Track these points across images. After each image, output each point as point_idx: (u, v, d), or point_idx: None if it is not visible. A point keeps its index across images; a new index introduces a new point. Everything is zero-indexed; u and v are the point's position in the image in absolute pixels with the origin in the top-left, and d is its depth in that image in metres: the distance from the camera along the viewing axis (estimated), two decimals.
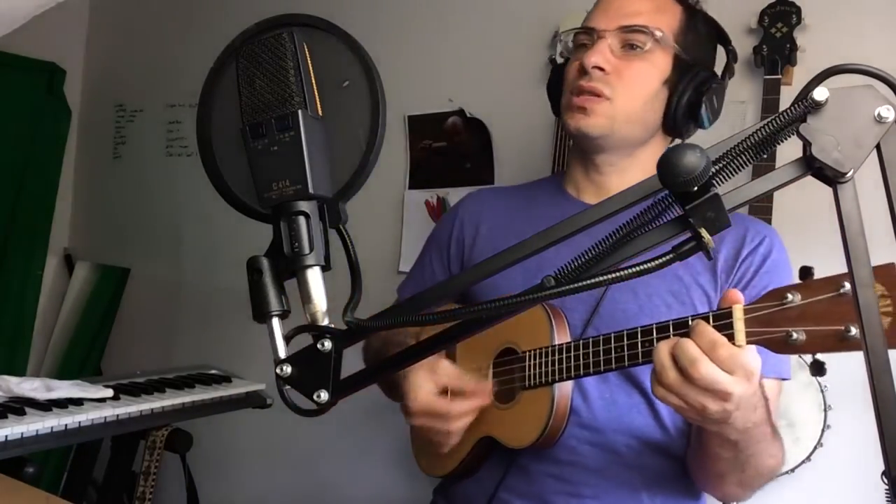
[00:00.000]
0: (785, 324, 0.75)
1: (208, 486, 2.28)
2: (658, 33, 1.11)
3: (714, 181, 0.59)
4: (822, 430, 1.60)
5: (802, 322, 0.74)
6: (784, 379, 1.12)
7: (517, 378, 1.11)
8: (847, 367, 0.81)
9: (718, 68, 1.25)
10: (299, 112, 0.65)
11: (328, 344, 0.67)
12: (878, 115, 0.57)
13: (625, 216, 0.63)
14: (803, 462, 1.62)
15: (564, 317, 1.11)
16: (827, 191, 0.60)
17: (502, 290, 0.71)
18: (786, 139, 0.60)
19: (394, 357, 0.75)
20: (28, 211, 2.93)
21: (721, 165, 0.59)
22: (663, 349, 0.84)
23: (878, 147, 0.57)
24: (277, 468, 2.52)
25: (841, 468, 1.66)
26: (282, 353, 0.68)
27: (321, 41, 0.69)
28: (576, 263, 0.62)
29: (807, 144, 0.59)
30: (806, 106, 0.58)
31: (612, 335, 0.96)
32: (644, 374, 1.08)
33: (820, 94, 0.58)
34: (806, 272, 0.75)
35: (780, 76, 1.68)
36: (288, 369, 0.68)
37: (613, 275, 0.59)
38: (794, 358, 1.63)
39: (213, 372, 2.01)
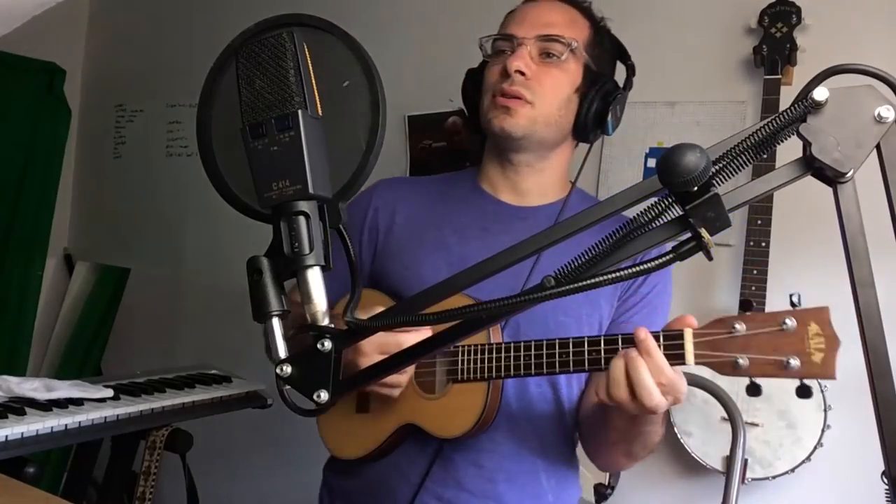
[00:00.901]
0: (732, 350, 0.85)
1: (208, 486, 2.28)
2: (574, 44, 1.20)
3: (714, 181, 0.59)
4: (822, 430, 1.60)
5: (747, 350, 0.84)
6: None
7: (444, 371, 1.15)
8: (847, 368, 0.82)
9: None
10: (299, 112, 0.65)
11: (328, 344, 0.67)
12: (878, 115, 0.57)
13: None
14: (803, 462, 1.62)
15: None
16: (827, 190, 0.60)
17: (427, 279, 0.73)
18: (786, 139, 0.60)
19: (394, 357, 0.75)
20: (28, 211, 2.92)
21: (721, 165, 0.59)
22: (620, 368, 0.94)
23: (878, 147, 0.57)
24: (277, 468, 2.52)
25: (841, 468, 1.66)
26: (282, 353, 0.68)
27: (321, 41, 0.69)
28: (576, 263, 0.62)
29: (807, 144, 0.59)
30: (806, 106, 0.58)
31: (557, 341, 1.03)
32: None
33: (820, 94, 0.58)
34: (747, 305, 0.91)
35: (780, 76, 1.68)
36: (288, 369, 0.67)
37: (613, 275, 0.59)
38: None
39: (213, 372, 2.02)
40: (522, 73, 1.18)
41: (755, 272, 1.65)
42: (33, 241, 2.94)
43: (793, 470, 1.62)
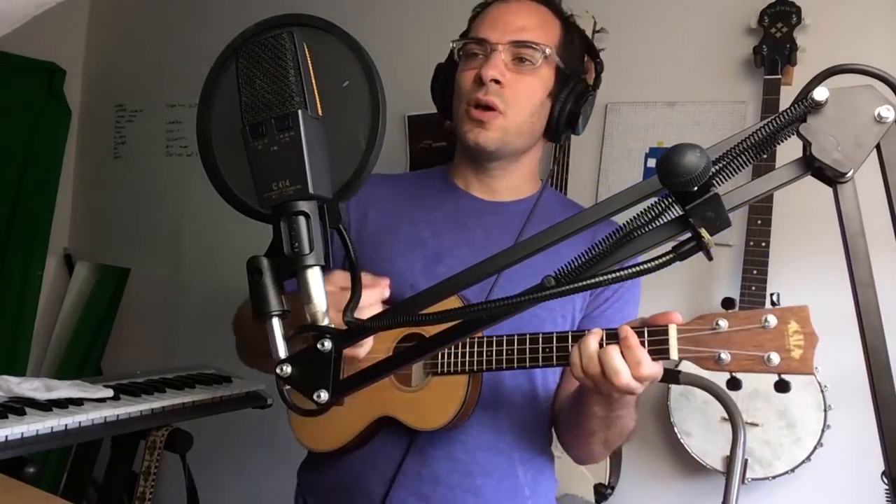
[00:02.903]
0: (714, 345, 0.88)
1: (208, 486, 2.28)
2: (547, 50, 1.19)
3: (714, 181, 0.59)
4: (822, 430, 1.60)
5: (729, 345, 0.88)
6: None
7: (424, 364, 1.15)
8: (847, 368, 0.82)
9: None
10: (299, 112, 0.65)
11: (328, 344, 0.67)
12: (878, 115, 0.57)
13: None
14: (803, 462, 1.62)
15: None
16: (827, 190, 0.60)
17: (403, 274, 0.72)
18: (786, 139, 0.60)
19: (394, 357, 0.75)
20: (28, 211, 2.93)
21: (721, 165, 0.59)
22: (593, 344, 0.96)
23: (878, 147, 0.57)
24: (277, 468, 2.52)
25: (841, 468, 1.66)
26: (282, 353, 0.68)
27: (321, 41, 0.69)
28: (576, 263, 0.62)
29: (807, 144, 0.59)
30: (806, 106, 0.58)
31: (541, 336, 1.04)
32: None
33: (820, 94, 0.58)
34: (729, 303, 0.91)
35: (780, 76, 1.68)
36: (288, 369, 0.67)
37: (613, 275, 0.59)
38: None
39: (213, 372, 2.02)
40: (497, 82, 1.17)
41: (755, 272, 1.65)
42: (33, 241, 2.95)
43: (793, 470, 1.62)
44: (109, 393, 1.66)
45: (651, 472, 1.91)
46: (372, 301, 1.04)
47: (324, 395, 0.67)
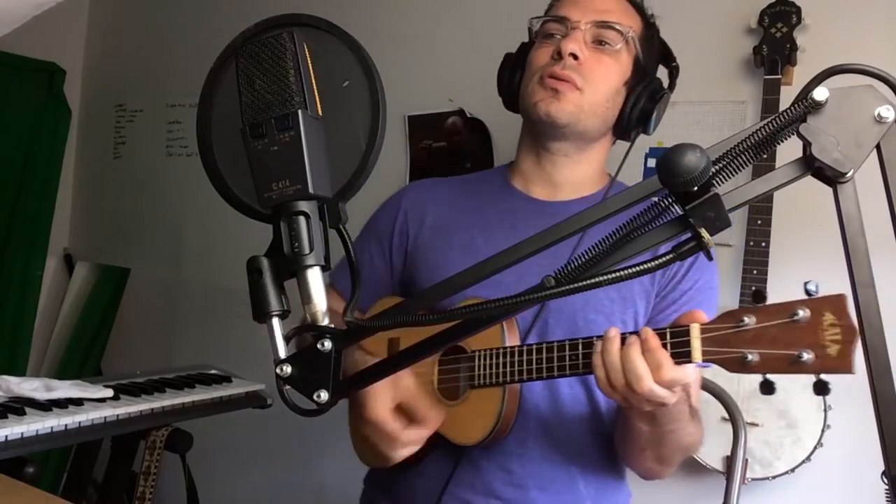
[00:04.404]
0: (740, 345, 0.79)
1: (208, 486, 2.28)
2: (630, 33, 1.17)
3: (714, 181, 0.59)
4: (822, 430, 1.60)
5: (756, 345, 0.78)
6: (706, 366, 1.16)
7: (464, 377, 1.13)
8: None
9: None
10: (299, 112, 0.65)
11: (328, 344, 0.67)
12: (878, 115, 0.57)
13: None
14: (803, 462, 1.62)
15: (515, 319, 1.13)
16: (827, 190, 0.60)
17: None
18: (786, 139, 0.60)
19: (394, 357, 0.76)
20: (28, 211, 2.93)
21: (721, 165, 0.59)
22: (615, 355, 0.90)
23: (878, 147, 0.57)
24: (277, 468, 2.52)
25: (841, 468, 1.66)
26: (282, 353, 0.68)
27: (321, 41, 0.69)
28: (576, 263, 0.62)
29: (807, 144, 0.59)
30: (806, 106, 0.58)
31: (567, 342, 1.00)
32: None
33: (820, 94, 0.58)
34: (759, 296, 0.77)
35: (780, 76, 1.68)
36: (288, 369, 0.68)
37: (613, 275, 0.59)
38: None
39: (213, 372, 2.01)
40: (576, 57, 1.14)
41: (755, 272, 1.65)
42: (33, 241, 2.94)
43: (793, 470, 1.62)
44: (109, 393, 1.66)
45: None
46: (413, 440, 1.07)
47: (324, 395, 0.67)
